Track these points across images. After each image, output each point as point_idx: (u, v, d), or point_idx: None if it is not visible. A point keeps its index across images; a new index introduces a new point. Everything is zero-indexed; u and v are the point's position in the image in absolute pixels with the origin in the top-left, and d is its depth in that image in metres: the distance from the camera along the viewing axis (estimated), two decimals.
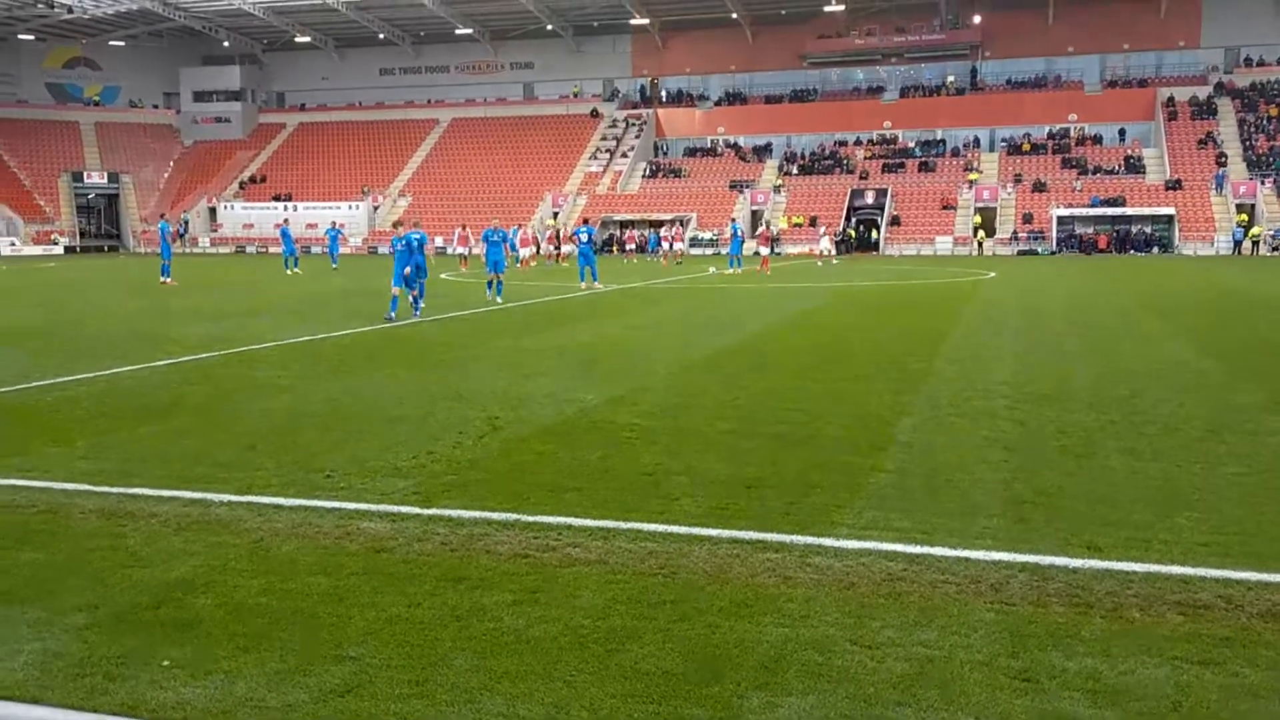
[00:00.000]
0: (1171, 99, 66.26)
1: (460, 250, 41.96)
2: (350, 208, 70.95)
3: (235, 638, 4.61)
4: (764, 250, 38.36)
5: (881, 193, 64.41)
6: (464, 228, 42.95)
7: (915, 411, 9.85)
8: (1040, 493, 6.94)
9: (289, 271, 38.03)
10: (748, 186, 67.86)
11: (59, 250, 69.91)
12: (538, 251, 46.92)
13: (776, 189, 67.40)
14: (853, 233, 63.04)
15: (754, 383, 11.66)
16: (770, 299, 25.04)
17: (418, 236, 21.69)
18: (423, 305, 20.68)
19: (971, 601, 5.01)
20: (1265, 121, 63.41)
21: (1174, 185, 60.02)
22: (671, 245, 48.71)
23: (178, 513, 6.57)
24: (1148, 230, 58.50)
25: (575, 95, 78.55)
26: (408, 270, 19.87)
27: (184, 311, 21.80)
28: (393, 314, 19.19)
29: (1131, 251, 57.39)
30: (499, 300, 23.25)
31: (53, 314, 21.70)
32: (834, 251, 50.15)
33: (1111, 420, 9.35)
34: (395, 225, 20.73)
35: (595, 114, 76.81)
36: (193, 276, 36.47)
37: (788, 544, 5.88)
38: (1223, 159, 61.19)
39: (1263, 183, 58.32)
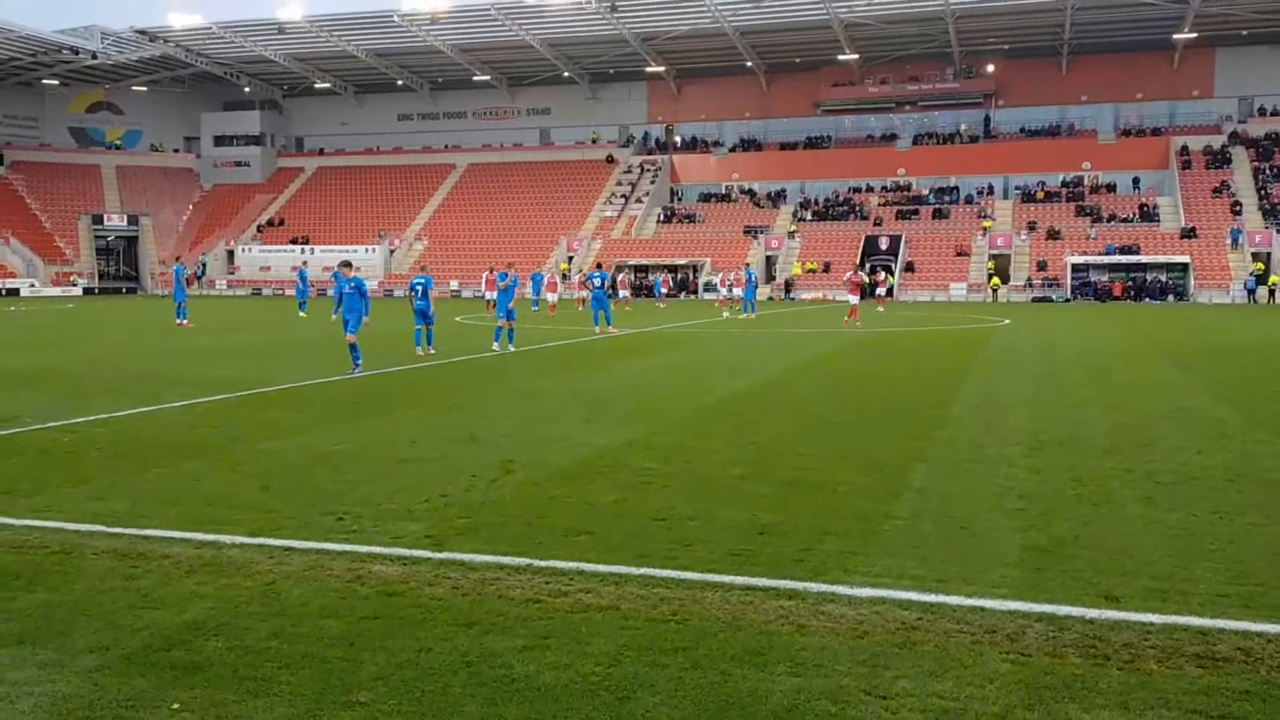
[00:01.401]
0: (1185, 148, 66.48)
1: (489, 295, 39.67)
2: (367, 251, 71.54)
3: (245, 681, 4.59)
4: (854, 299, 32.39)
5: (896, 239, 64.58)
6: (492, 270, 41.64)
7: (930, 458, 9.80)
8: (1056, 541, 6.88)
9: (301, 314, 38.10)
10: (762, 232, 68.18)
11: (77, 291, 70.59)
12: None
13: (791, 235, 67.69)
14: (867, 279, 63.10)
15: (768, 427, 11.63)
16: (785, 344, 25.04)
17: (421, 281, 21.75)
18: (433, 343, 21.58)
19: (987, 651, 4.96)
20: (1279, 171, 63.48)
21: (1189, 234, 60.02)
22: (730, 289, 47.85)
23: (190, 554, 6.57)
24: (1163, 278, 58.41)
25: (594, 141, 79.31)
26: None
27: (199, 353, 21.93)
28: (359, 363, 17.66)
29: (1147, 300, 57.27)
30: (509, 347, 22.38)
31: (70, 355, 21.86)
32: (884, 295, 49.64)
33: (1128, 468, 9.27)
34: (344, 265, 18.50)
35: (611, 160, 77.51)
36: (208, 318, 36.74)
37: (801, 591, 5.83)
38: (1238, 208, 61.20)
39: (1278, 232, 58.26)
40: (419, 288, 21.65)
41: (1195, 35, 63.38)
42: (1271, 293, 54.56)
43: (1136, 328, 31.66)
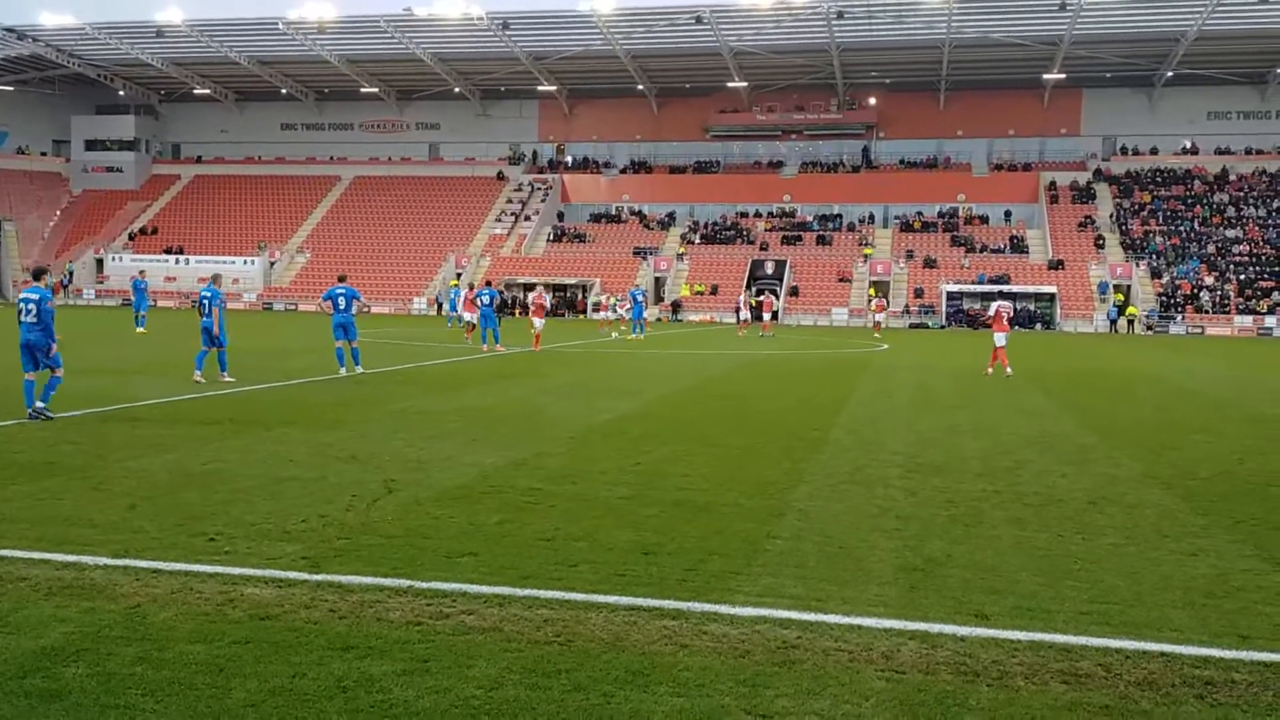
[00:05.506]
0: (1054, 183, 69.76)
1: (467, 316, 34.64)
2: (245, 263, 69.49)
3: (107, 710, 4.39)
4: (1000, 339, 23.78)
5: (781, 264, 65.89)
6: (471, 287, 35.80)
7: (812, 479, 10.00)
8: (930, 561, 7.08)
9: (138, 330, 33.94)
10: (651, 253, 68.72)
11: None
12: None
13: (679, 257, 68.40)
14: (753, 302, 64.13)
15: (655, 448, 11.70)
16: (673, 366, 25.24)
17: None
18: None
19: (863, 669, 5.07)
20: (1139, 207, 67.09)
21: (1056, 265, 62.83)
22: (763, 314, 45.97)
23: (50, 576, 6.25)
24: (1032, 307, 60.96)
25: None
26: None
27: (63, 365, 20.88)
28: (42, 404, 13.21)
29: (1016, 328, 59.57)
30: (344, 371, 19.94)
31: None
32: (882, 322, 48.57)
33: (998, 490, 9.63)
34: (36, 275, 14.37)
35: (501, 177, 77.16)
36: (75, 329, 35.07)
37: (684, 611, 5.87)
38: (1101, 241, 64.36)
39: (1137, 265, 61.48)
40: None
41: (1064, 76, 66.62)
42: (1130, 323, 57.45)
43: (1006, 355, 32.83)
